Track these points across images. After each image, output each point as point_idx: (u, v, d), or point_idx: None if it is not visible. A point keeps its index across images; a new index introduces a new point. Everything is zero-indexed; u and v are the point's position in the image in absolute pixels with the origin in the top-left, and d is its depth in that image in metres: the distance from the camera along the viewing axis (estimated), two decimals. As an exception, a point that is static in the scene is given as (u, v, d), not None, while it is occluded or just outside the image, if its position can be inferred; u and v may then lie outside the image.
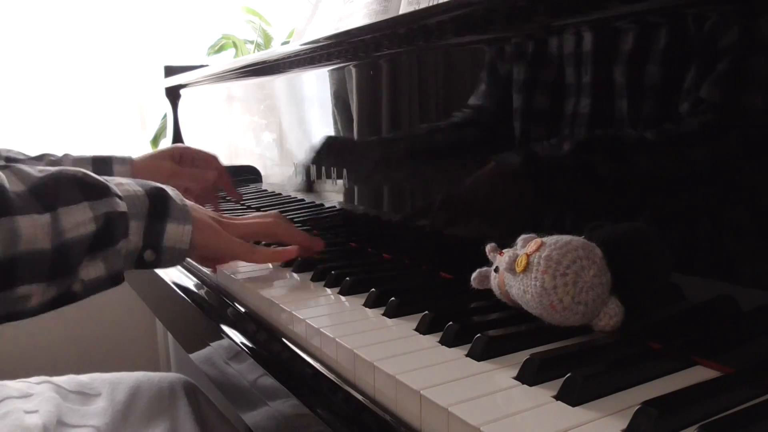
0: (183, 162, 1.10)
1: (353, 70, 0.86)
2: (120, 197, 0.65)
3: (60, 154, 1.06)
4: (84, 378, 0.90)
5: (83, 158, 1.07)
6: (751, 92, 0.43)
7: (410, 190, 0.79)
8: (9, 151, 1.05)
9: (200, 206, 0.75)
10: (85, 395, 0.85)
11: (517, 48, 0.61)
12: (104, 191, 0.64)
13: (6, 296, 0.58)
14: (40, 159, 1.04)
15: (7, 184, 0.58)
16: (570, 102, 0.56)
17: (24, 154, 1.06)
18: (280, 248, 0.78)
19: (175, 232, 0.68)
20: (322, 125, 0.98)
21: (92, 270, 0.63)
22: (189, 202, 0.72)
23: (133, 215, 0.65)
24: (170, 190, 0.69)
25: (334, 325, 0.56)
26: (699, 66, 0.46)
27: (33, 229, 0.58)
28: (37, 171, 0.62)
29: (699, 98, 0.46)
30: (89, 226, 0.61)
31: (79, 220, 0.60)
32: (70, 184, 0.62)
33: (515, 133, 0.63)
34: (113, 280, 0.65)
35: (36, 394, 0.81)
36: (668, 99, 0.48)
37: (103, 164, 1.04)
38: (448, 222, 0.73)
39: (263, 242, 0.82)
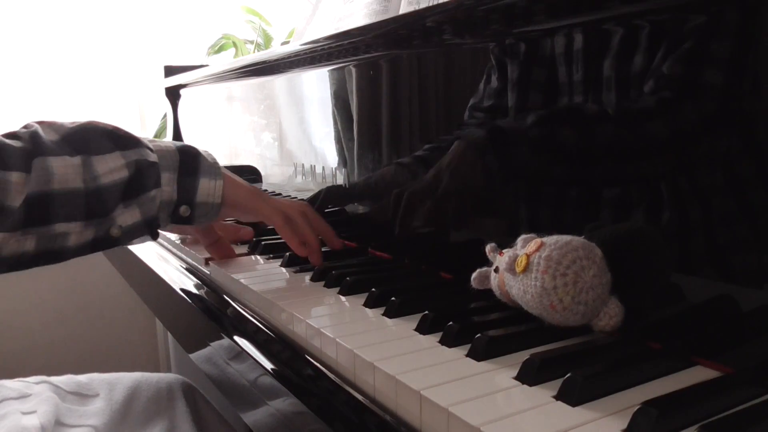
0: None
1: (353, 70, 0.86)
2: (151, 149, 0.69)
3: None
4: (82, 378, 0.90)
5: None
6: (751, 95, 0.43)
7: (410, 190, 0.79)
8: None
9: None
10: (83, 395, 0.85)
11: (517, 48, 0.61)
12: (135, 142, 0.68)
13: (44, 232, 0.63)
14: None
15: (41, 133, 0.64)
16: (571, 98, 0.56)
17: None
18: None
19: (207, 187, 0.71)
20: (322, 125, 0.98)
21: (129, 216, 0.67)
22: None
23: (164, 167, 0.69)
24: (200, 149, 0.73)
25: (334, 325, 0.56)
26: (700, 66, 0.46)
27: (65, 169, 0.63)
28: (69, 123, 0.67)
29: (698, 98, 0.46)
30: (122, 172, 0.66)
31: (112, 166, 0.65)
32: (101, 134, 0.67)
33: (518, 131, 0.63)
34: (150, 226, 0.70)
35: (34, 394, 0.81)
36: (668, 98, 0.48)
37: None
38: (448, 221, 0.73)
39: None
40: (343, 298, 0.66)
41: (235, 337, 0.64)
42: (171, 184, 0.70)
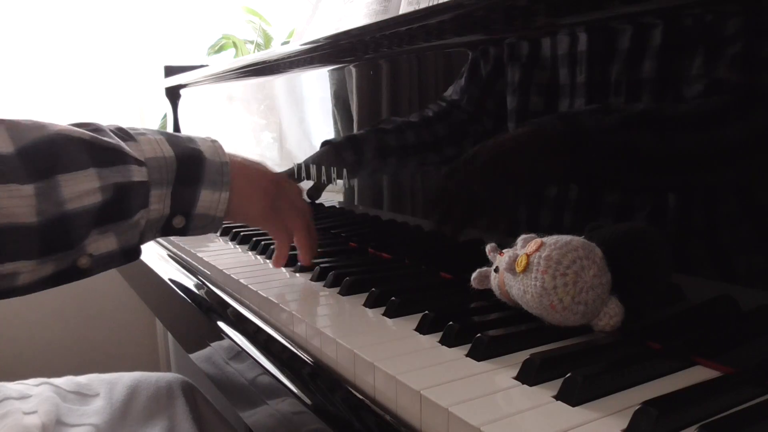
0: None
1: (353, 70, 0.86)
2: (140, 162, 0.58)
3: None
4: (82, 379, 0.90)
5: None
6: (750, 92, 0.43)
7: (410, 190, 0.79)
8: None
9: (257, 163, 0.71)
10: (83, 395, 0.85)
11: (517, 48, 0.61)
12: (118, 156, 0.56)
13: None
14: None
15: None
16: (572, 101, 0.56)
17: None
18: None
19: (208, 200, 0.62)
20: (321, 125, 0.98)
21: (102, 244, 0.56)
22: (238, 157, 0.66)
23: (155, 183, 0.59)
24: (208, 149, 0.63)
25: (334, 325, 0.56)
26: (701, 65, 0.46)
27: (10, 201, 0.50)
28: (35, 127, 0.54)
29: (698, 98, 0.46)
30: (94, 196, 0.54)
31: (82, 189, 0.53)
32: (75, 145, 0.54)
33: (518, 132, 0.63)
34: (128, 254, 0.59)
35: (35, 395, 0.81)
36: (668, 98, 0.48)
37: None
38: (448, 222, 0.73)
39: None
40: (343, 298, 0.66)
41: (235, 337, 0.64)
42: (163, 200, 0.59)
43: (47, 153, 0.52)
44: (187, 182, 0.61)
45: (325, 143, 0.94)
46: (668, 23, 0.48)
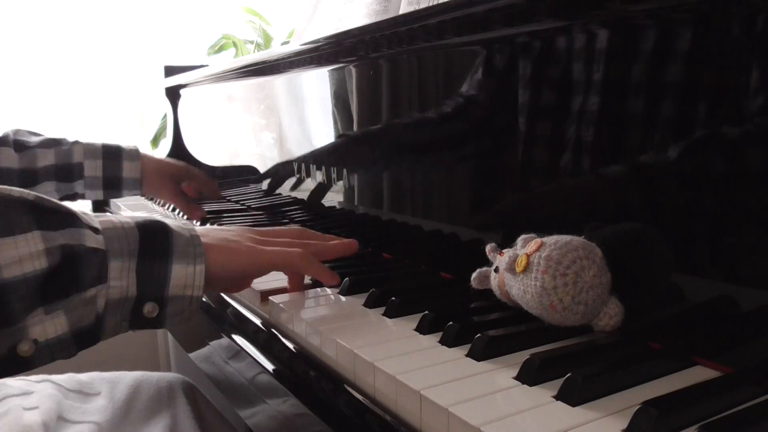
0: (185, 178, 1.15)
1: (353, 70, 0.86)
2: (95, 229, 0.49)
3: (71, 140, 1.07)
4: (83, 377, 0.90)
5: (93, 147, 1.06)
6: (744, 93, 0.43)
7: (410, 190, 0.79)
8: (17, 132, 1.04)
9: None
10: (84, 394, 0.86)
11: (517, 48, 0.61)
12: (67, 219, 0.48)
13: None
14: (52, 144, 1.03)
15: None
16: (572, 100, 0.56)
17: (36, 134, 1.07)
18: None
19: (183, 275, 0.52)
20: (322, 125, 0.98)
21: (50, 326, 0.46)
22: (199, 227, 0.58)
23: (114, 253, 0.49)
24: (171, 222, 0.54)
25: (334, 324, 0.56)
26: (702, 66, 0.46)
27: None
28: None
29: (698, 99, 0.46)
30: (38, 261, 0.45)
31: (23, 253, 0.44)
32: (16, 205, 0.46)
33: (516, 133, 0.63)
34: (81, 340, 0.49)
35: (36, 391, 0.81)
36: (667, 98, 0.48)
37: (114, 157, 1.05)
38: (450, 221, 0.73)
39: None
40: (343, 298, 0.66)
41: (235, 337, 0.64)
42: (126, 277, 0.49)
43: None
44: (155, 256, 0.51)
45: (341, 135, 0.92)
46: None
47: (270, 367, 0.56)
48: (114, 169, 1.05)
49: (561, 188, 0.59)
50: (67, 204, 0.50)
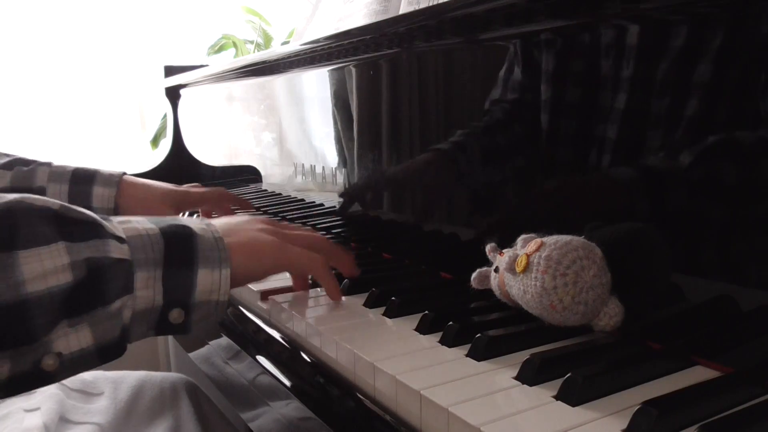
0: (183, 208, 0.97)
1: (353, 70, 0.86)
2: (120, 238, 0.49)
3: (43, 158, 0.90)
4: (87, 376, 0.90)
5: (62, 170, 0.89)
6: (744, 93, 0.43)
7: (410, 190, 0.79)
8: None
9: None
10: (87, 393, 0.86)
11: (517, 47, 0.61)
12: (92, 229, 0.47)
13: None
14: (12, 166, 0.87)
15: None
16: (572, 100, 0.56)
17: (8, 155, 0.90)
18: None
19: (209, 281, 0.51)
20: (322, 125, 0.98)
21: (74, 339, 0.45)
22: (221, 223, 0.56)
23: (140, 263, 0.49)
24: (195, 224, 0.54)
25: (334, 324, 0.56)
26: (702, 66, 0.46)
27: None
28: None
29: (698, 99, 0.46)
30: (63, 275, 0.44)
31: (47, 267, 0.44)
32: (38, 216, 0.45)
33: (516, 133, 0.63)
34: (105, 353, 0.48)
35: (39, 391, 0.81)
36: (668, 98, 0.48)
37: (84, 182, 0.88)
38: (449, 220, 0.73)
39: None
40: (343, 298, 0.66)
41: (235, 337, 0.64)
42: (152, 286, 0.49)
43: (4, 224, 0.44)
44: (180, 263, 0.50)
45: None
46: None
47: (270, 367, 0.56)
48: (81, 197, 0.88)
49: (564, 188, 0.59)
50: (91, 213, 0.49)
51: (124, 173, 0.93)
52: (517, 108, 0.62)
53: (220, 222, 0.57)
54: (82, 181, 0.88)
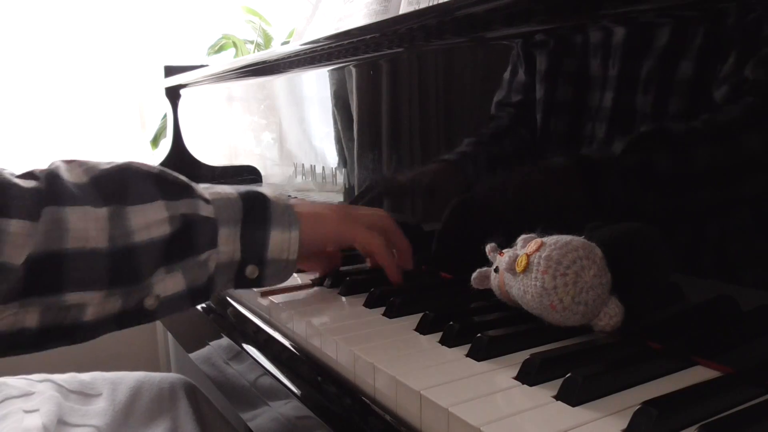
0: None
1: (353, 70, 0.86)
2: (206, 200, 0.56)
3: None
4: (85, 377, 0.90)
5: None
6: (744, 92, 0.43)
7: (410, 190, 0.79)
8: None
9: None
10: (85, 395, 0.85)
11: (518, 47, 0.61)
12: (185, 190, 0.55)
13: (52, 302, 0.49)
14: None
15: (64, 174, 0.51)
16: (571, 100, 0.56)
17: None
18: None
19: (280, 241, 0.58)
20: (322, 125, 0.98)
21: (170, 283, 0.54)
22: (293, 200, 0.63)
23: (223, 221, 0.56)
24: (269, 192, 0.61)
25: (334, 325, 0.56)
26: (702, 65, 0.46)
27: (85, 222, 0.49)
28: (105, 163, 0.54)
29: (699, 98, 0.46)
30: (162, 227, 0.52)
31: (151, 219, 0.52)
32: (143, 177, 0.54)
33: (517, 133, 0.63)
34: (195, 297, 0.56)
35: (37, 392, 0.81)
36: (668, 97, 0.48)
37: None
38: (449, 220, 0.73)
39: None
40: (343, 299, 0.66)
41: (235, 337, 0.64)
42: (232, 242, 0.56)
43: (118, 182, 0.53)
44: (256, 223, 0.57)
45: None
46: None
47: (270, 367, 0.56)
48: None
49: (560, 186, 0.59)
50: (184, 177, 0.57)
51: None
52: (517, 108, 0.62)
53: (292, 200, 0.63)
54: None
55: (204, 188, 0.58)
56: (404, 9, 0.85)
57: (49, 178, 0.51)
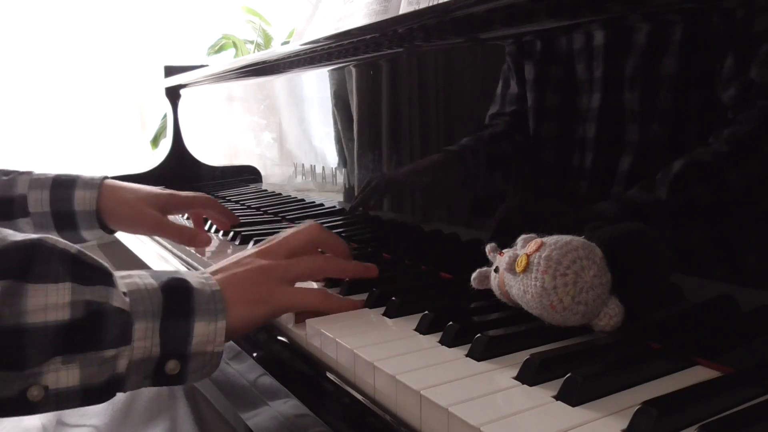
0: (168, 210, 0.95)
1: (353, 70, 0.86)
2: (122, 292, 0.51)
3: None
4: None
5: (43, 177, 0.88)
6: (744, 92, 0.43)
7: (410, 190, 0.79)
8: None
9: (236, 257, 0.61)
10: None
11: (518, 47, 0.61)
12: (101, 277, 0.50)
13: None
14: None
15: None
16: (571, 100, 0.56)
17: None
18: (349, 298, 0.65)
19: (204, 332, 0.53)
20: (322, 125, 0.98)
21: (63, 376, 0.47)
22: (221, 270, 0.58)
23: (139, 314, 0.51)
24: (192, 278, 0.55)
25: (334, 325, 0.56)
26: (701, 65, 0.46)
27: None
28: (20, 235, 0.49)
29: (699, 97, 0.46)
30: (61, 312, 0.47)
31: (50, 302, 0.47)
32: (56, 256, 0.48)
33: (517, 133, 0.63)
34: (88, 396, 0.49)
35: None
36: (667, 96, 0.48)
37: (65, 187, 0.87)
38: (450, 220, 0.73)
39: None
40: (343, 299, 0.66)
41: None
42: (150, 337, 0.51)
43: (25, 256, 0.47)
44: (177, 315, 0.52)
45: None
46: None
47: (270, 367, 0.56)
48: (64, 202, 0.86)
49: (565, 189, 0.59)
50: (104, 264, 0.51)
51: (106, 177, 0.91)
52: (517, 108, 0.62)
53: (217, 268, 0.59)
54: (62, 185, 0.87)
55: (121, 277, 0.53)
56: (404, 9, 0.85)
57: None
